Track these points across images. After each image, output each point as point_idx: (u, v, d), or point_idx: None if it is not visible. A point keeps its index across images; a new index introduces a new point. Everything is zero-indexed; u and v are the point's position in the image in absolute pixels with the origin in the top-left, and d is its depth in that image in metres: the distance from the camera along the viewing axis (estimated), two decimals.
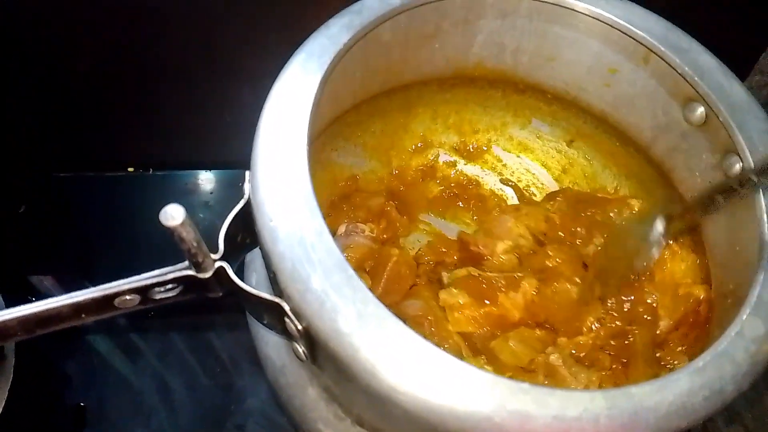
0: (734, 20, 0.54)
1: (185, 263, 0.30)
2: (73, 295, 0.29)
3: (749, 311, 0.30)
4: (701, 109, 0.38)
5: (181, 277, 0.30)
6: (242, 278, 0.31)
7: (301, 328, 0.29)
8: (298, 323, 0.29)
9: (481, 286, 0.42)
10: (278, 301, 0.29)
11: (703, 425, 0.42)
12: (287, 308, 0.29)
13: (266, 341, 0.39)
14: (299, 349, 0.31)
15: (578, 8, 0.41)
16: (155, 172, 0.63)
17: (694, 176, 0.41)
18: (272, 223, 0.29)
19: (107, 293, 0.29)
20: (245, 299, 0.31)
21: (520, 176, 0.54)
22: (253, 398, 0.52)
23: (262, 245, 0.30)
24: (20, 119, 0.59)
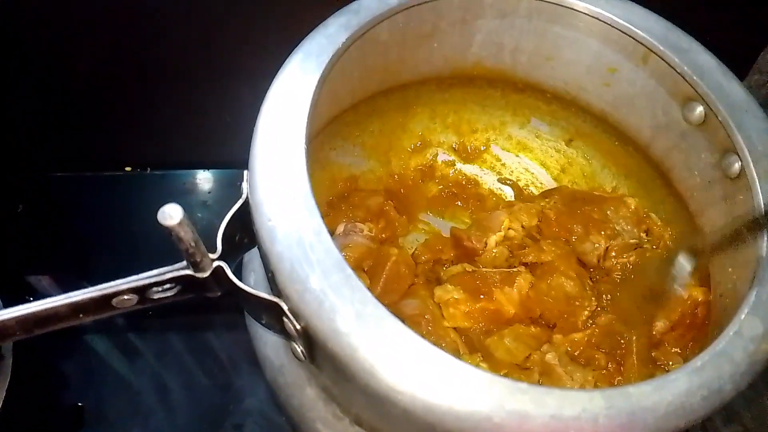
0: (733, 20, 0.54)
1: (183, 263, 0.30)
2: (71, 294, 0.29)
3: (747, 311, 0.30)
4: (700, 108, 0.38)
5: (179, 276, 0.30)
6: (240, 278, 0.31)
7: (299, 327, 0.29)
8: (296, 323, 0.29)
9: (475, 281, 0.42)
10: (277, 300, 0.29)
11: (701, 425, 0.42)
12: (286, 308, 0.29)
13: (265, 341, 0.39)
14: (298, 348, 0.31)
15: (577, 8, 0.41)
16: (153, 171, 0.63)
17: (693, 175, 0.41)
18: (270, 222, 0.29)
19: (105, 293, 0.29)
20: (243, 299, 0.31)
21: (518, 175, 0.54)
22: (251, 398, 0.52)
23: (260, 245, 0.30)
24: (18, 119, 0.59)
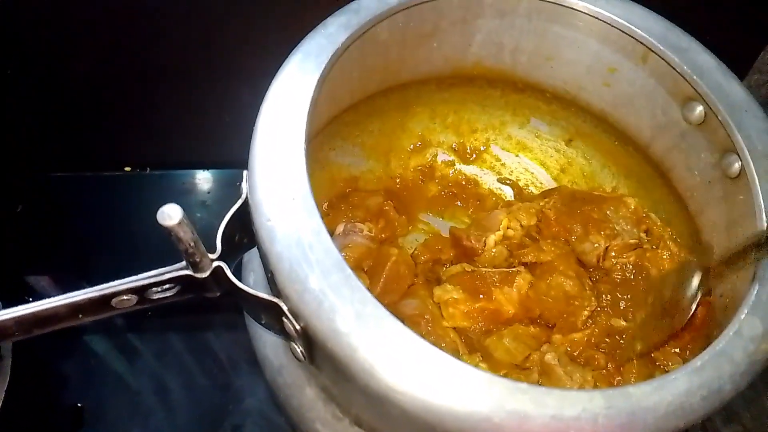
0: (733, 19, 0.54)
1: (182, 263, 0.30)
2: (70, 295, 0.29)
3: (747, 311, 0.30)
4: (700, 108, 0.38)
5: (178, 277, 0.30)
6: (240, 278, 0.31)
7: (299, 328, 0.29)
8: (296, 323, 0.29)
9: (474, 281, 0.42)
10: (276, 301, 0.29)
11: (701, 425, 0.42)
12: (285, 308, 0.29)
13: (264, 341, 0.39)
14: (297, 349, 0.31)
15: (577, 7, 0.41)
16: (152, 171, 0.63)
17: (693, 175, 0.41)
18: (270, 222, 0.29)
19: (104, 293, 0.29)
20: (243, 299, 0.31)
21: (518, 175, 0.54)
22: (251, 398, 0.51)
23: (259, 245, 0.30)
24: (18, 119, 0.59)
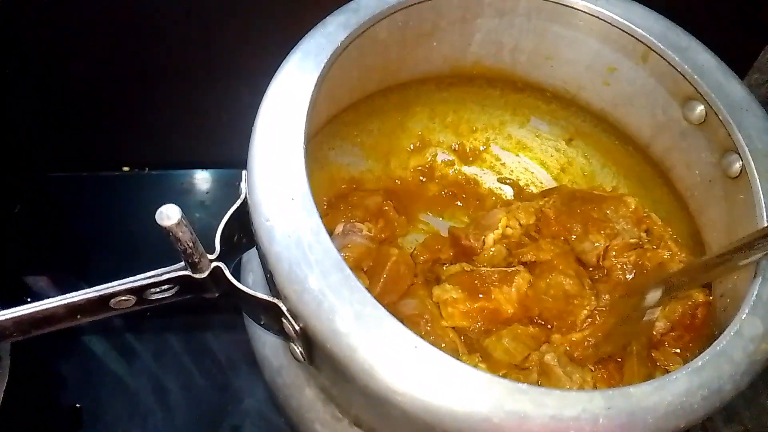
0: (733, 19, 0.54)
1: (181, 263, 0.30)
2: (68, 295, 0.29)
3: (747, 310, 0.30)
4: (700, 107, 0.38)
5: (177, 277, 0.30)
6: (239, 278, 0.31)
7: (298, 328, 0.29)
8: (295, 324, 0.29)
9: (473, 281, 0.42)
10: (275, 301, 0.29)
11: (702, 424, 0.42)
12: (284, 309, 0.29)
13: (263, 342, 0.39)
14: (296, 349, 0.31)
15: (577, 6, 0.41)
16: (151, 171, 0.63)
17: (693, 175, 0.41)
18: (269, 222, 0.29)
19: (103, 294, 0.29)
20: (242, 300, 0.31)
21: (518, 175, 0.54)
22: (250, 399, 0.51)
23: (258, 245, 0.30)
24: (17, 119, 0.59)
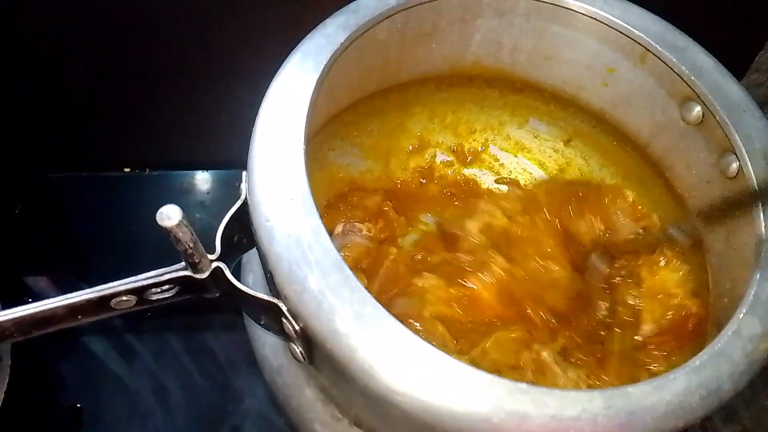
0: (731, 19, 0.54)
1: (182, 264, 0.30)
2: (69, 296, 0.29)
3: (746, 310, 0.30)
4: (698, 108, 0.38)
5: (177, 277, 0.30)
6: (239, 279, 0.31)
7: (298, 328, 0.29)
8: (295, 324, 0.29)
9: (451, 267, 0.42)
10: (275, 301, 0.29)
11: (701, 424, 0.42)
12: (284, 309, 0.29)
13: (263, 342, 0.39)
14: (296, 349, 0.31)
15: (576, 7, 0.41)
16: (151, 172, 0.63)
17: (691, 174, 0.41)
18: (269, 223, 0.29)
19: (103, 294, 0.29)
20: (242, 300, 0.31)
21: (517, 176, 0.54)
22: (250, 399, 0.51)
23: (258, 246, 0.30)
24: (17, 119, 0.59)
